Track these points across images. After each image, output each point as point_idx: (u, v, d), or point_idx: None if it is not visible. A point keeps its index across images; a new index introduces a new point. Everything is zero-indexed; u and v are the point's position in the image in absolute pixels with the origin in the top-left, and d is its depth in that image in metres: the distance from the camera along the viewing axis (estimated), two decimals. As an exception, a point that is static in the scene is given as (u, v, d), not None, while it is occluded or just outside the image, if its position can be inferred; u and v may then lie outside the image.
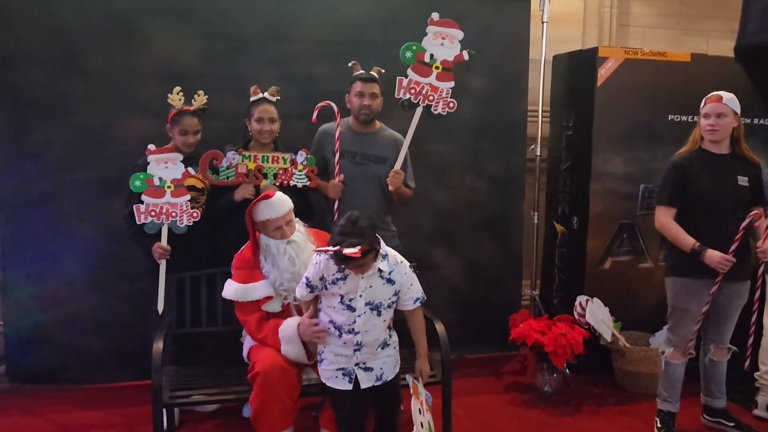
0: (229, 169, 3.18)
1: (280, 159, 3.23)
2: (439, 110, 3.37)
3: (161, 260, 3.15)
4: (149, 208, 3.11)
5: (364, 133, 3.41)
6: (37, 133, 3.61)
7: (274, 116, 3.26)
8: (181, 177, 3.13)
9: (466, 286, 4.25)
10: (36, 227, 3.65)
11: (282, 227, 2.79)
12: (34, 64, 3.56)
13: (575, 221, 4.04)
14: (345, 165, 3.33)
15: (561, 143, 4.16)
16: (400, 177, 3.32)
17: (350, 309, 2.53)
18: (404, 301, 2.64)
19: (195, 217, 3.17)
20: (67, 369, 3.74)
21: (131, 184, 3.10)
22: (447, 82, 3.34)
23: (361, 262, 2.42)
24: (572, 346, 3.50)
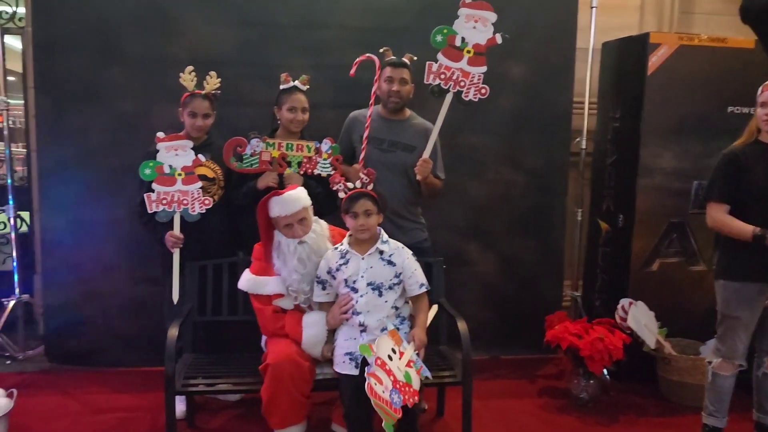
0: (252, 156, 3.13)
1: (304, 147, 3.16)
2: (470, 97, 3.21)
3: (174, 249, 3.13)
4: (160, 197, 3.09)
5: (394, 120, 3.31)
6: (75, 119, 3.68)
7: (305, 105, 3.21)
8: (191, 164, 3.09)
9: (502, 283, 4.11)
10: (73, 212, 3.73)
11: (293, 225, 2.70)
12: (73, 52, 3.64)
13: (620, 219, 3.82)
14: (371, 151, 3.24)
15: (607, 136, 3.95)
16: (429, 166, 3.20)
17: (353, 290, 2.65)
18: (410, 286, 2.69)
19: (207, 205, 3.12)
20: (102, 351, 3.83)
21: (141, 173, 3.08)
22: (479, 66, 3.18)
23: (367, 206, 2.61)
24: (610, 351, 3.30)
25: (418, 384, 2.47)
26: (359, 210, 2.62)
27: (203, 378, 2.82)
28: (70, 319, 3.78)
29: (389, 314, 2.63)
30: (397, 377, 2.44)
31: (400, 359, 2.49)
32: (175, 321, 2.82)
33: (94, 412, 3.28)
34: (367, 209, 2.63)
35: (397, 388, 2.41)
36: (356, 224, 2.63)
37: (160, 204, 3.10)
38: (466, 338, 2.79)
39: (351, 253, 2.67)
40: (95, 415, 3.25)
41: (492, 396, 3.53)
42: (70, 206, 3.72)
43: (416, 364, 2.52)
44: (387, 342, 2.51)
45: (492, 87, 3.82)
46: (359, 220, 2.62)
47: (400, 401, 2.39)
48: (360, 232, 2.64)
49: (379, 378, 2.40)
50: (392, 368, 2.45)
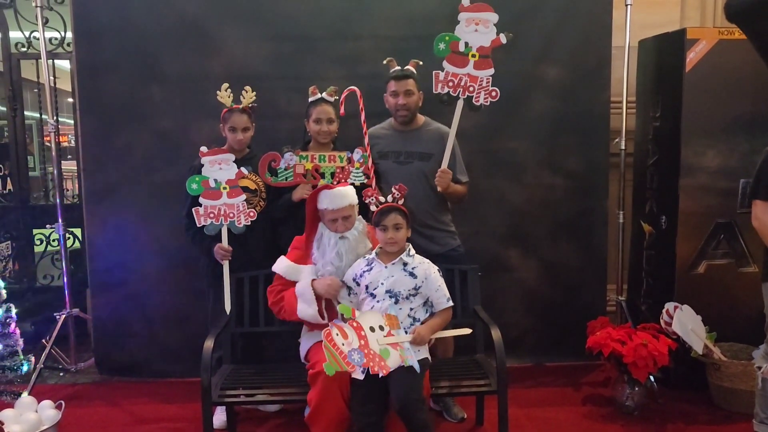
0: (287, 170, 3.20)
1: (336, 158, 3.20)
2: (480, 101, 3.20)
3: (224, 261, 3.21)
4: (207, 210, 3.19)
5: (407, 131, 3.34)
6: (119, 138, 3.83)
7: (332, 116, 3.25)
8: (234, 177, 3.18)
9: (544, 289, 4.06)
10: (120, 228, 3.87)
11: (338, 220, 2.82)
12: (115, 73, 3.79)
13: (663, 220, 3.72)
14: (389, 166, 3.28)
15: (648, 136, 3.86)
16: (448, 176, 3.20)
17: (372, 296, 2.72)
18: (436, 299, 2.75)
19: (252, 217, 3.21)
20: (149, 363, 3.95)
21: (188, 188, 3.19)
22: (486, 69, 3.17)
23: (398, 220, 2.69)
24: (655, 357, 3.21)
25: (394, 364, 2.54)
26: (389, 224, 2.71)
27: (243, 388, 2.87)
28: (118, 331, 3.93)
29: (404, 322, 2.67)
30: (370, 345, 2.52)
31: (385, 336, 2.57)
32: (212, 332, 2.89)
33: (140, 422, 3.39)
34: (397, 223, 2.72)
35: (364, 352, 2.49)
36: (386, 237, 2.72)
37: (207, 218, 3.20)
38: (500, 346, 2.77)
39: (376, 262, 2.76)
40: (141, 425, 3.36)
41: (534, 404, 3.48)
42: (117, 223, 3.86)
43: (405, 351, 2.57)
44: (376, 317, 2.61)
45: (527, 90, 3.89)
46: (389, 233, 2.71)
47: (360, 361, 2.47)
48: (389, 245, 2.73)
49: (344, 332, 2.53)
50: (368, 337, 2.55)
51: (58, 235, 4.03)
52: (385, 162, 3.31)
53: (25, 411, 3.02)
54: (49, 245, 4.68)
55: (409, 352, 2.59)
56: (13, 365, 3.26)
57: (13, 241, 4.67)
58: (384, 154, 3.32)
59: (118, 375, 3.95)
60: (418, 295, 2.71)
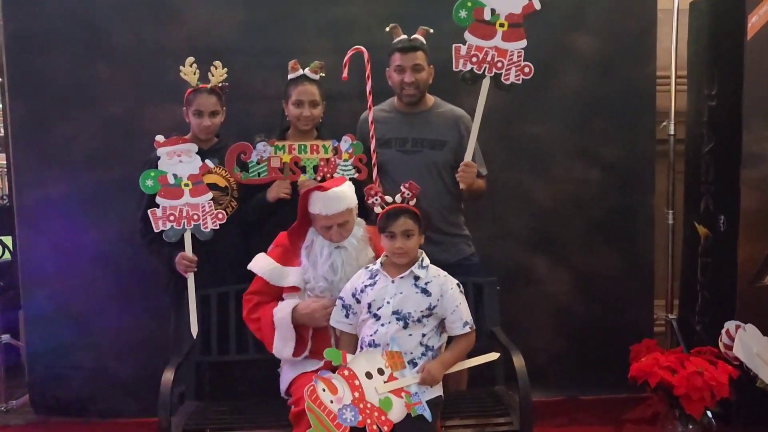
0: (260, 164, 3.20)
1: (320, 148, 3.20)
2: (511, 79, 3.20)
3: (188, 273, 3.21)
4: (167, 212, 3.17)
5: (414, 113, 3.35)
6: (58, 126, 3.85)
7: (316, 98, 3.25)
8: (198, 172, 3.17)
9: (578, 306, 4.10)
10: (59, 236, 3.87)
11: (332, 228, 2.80)
12: (53, 47, 3.81)
13: (722, 221, 3.74)
14: (392, 155, 3.29)
15: (702, 118, 3.89)
16: (473, 171, 3.22)
17: (375, 317, 2.65)
18: (451, 323, 2.68)
19: (221, 219, 3.20)
20: (96, 400, 3.96)
21: (142, 185, 3.17)
22: (517, 41, 3.16)
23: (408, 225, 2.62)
24: (712, 388, 3.22)
25: (398, 416, 2.49)
26: (398, 230, 2.63)
27: (210, 430, 2.86)
28: (58, 362, 3.92)
29: (414, 351, 2.62)
30: (367, 396, 2.47)
31: (385, 382, 2.52)
32: (172, 362, 2.89)
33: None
34: (408, 229, 2.64)
35: (358, 407, 2.44)
36: (393, 247, 2.64)
37: (167, 221, 3.18)
38: (523, 376, 2.76)
39: (381, 275, 2.70)
40: (87, 476, 3.37)
41: (567, 446, 3.51)
42: (56, 229, 3.87)
43: (411, 398, 2.53)
44: (375, 359, 2.56)
45: (555, 63, 3.92)
46: (397, 241, 2.63)
47: (354, 420, 2.42)
48: (398, 256, 2.66)
49: (333, 386, 2.47)
50: (364, 386, 2.50)
51: (-17, 245, 4.05)
52: (386, 151, 3.32)
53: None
54: (-27, 257, 4.71)
55: (417, 397, 2.54)
56: (-70, 403, 3.27)
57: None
58: (386, 142, 3.33)
59: (58, 415, 3.95)
60: (432, 316, 2.65)
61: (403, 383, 2.55)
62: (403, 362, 2.58)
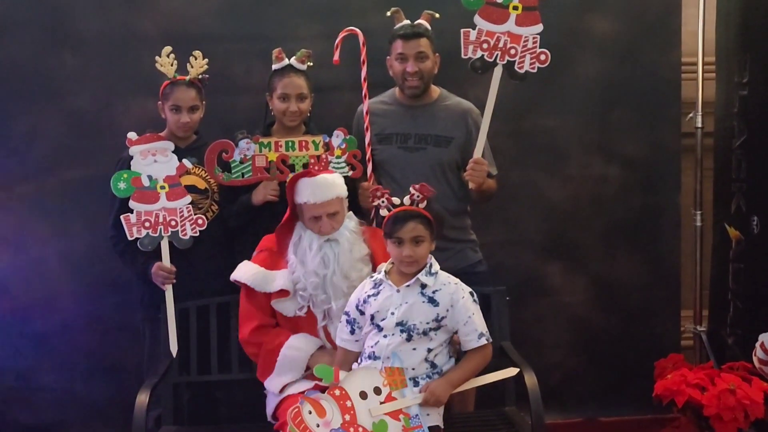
0: (243, 163, 3.21)
1: (309, 144, 3.22)
2: (525, 67, 3.22)
3: (166, 285, 3.21)
4: (141, 218, 3.17)
5: (418, 107, 3.37)
6: (18, 121, 3.84)
7: (303, 91, 3.27)
8: (175, 173, 3.18)
9: (597, 318, 4.12)
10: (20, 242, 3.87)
11: (321, 218, 2.85)
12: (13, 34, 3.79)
13: (755, 222, 3.73)
14: (393, 152, 3.31)
15: (733, 109, 3.87)
16: (483, 169, 3.23)
17: (378, 329, 2.66)
18: (465, 335, 2.67)
19: (201, 225, 3.22)
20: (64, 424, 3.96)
21: (113, 187, 3.16)
22: (532, 26, 3.18)
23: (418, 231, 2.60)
24: (746, 407, 3.22)
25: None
26: (406, 236, 2.62)
27: (190, 458, 2.90)
28: (22, 384, 3.93)
29: (417, 368, 2.61)
30: (359, 419, 2.46)
31: (382, 403, 2.51)
32: (147, 382, 2.90)
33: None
34: (418, 235, 2.63)
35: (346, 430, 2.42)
36: (401, 254, 2.63)
37: (142, 228, 3.17)
38: (536, 396, 2.77)
39: (386, 283, 2.70)
40: None
41: (585, 473, 3.52)
42: (16, 236, 3.86)
43: (411, 421, 2.51)
44: (372, 377, 2.54)
45: (570, 50, 3.94)
46: (405, 249, 2.62)
47: None
48: (406, 265, 2.65)
49: (321, 408, 2.45)
50: (357, 407, 2.48)
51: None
52: (387, 147, 3.34)
53: None
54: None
55: (417, 420, 2.52)
56: None
57: None
58: (386, 137, 3.34)
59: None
60: (441, 329, 2.64)
61: (403, 404, 2.53)
62: (404, 380, 2.57)
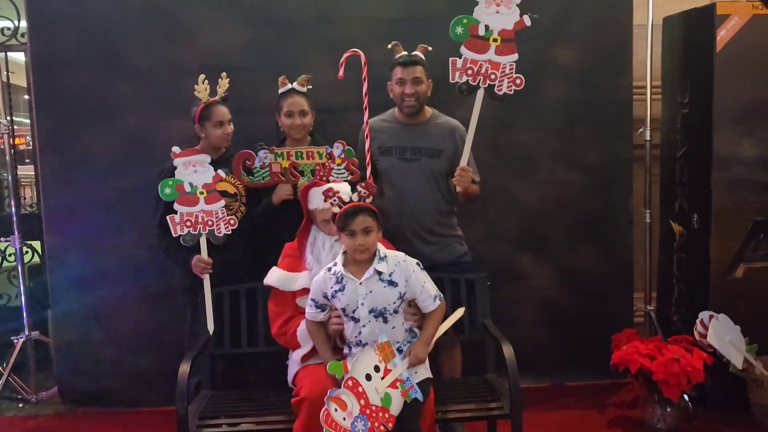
0: (263, 169, 3.21)
1: (315, 154, 3.21)
2: (504, 90, 3.19)
3: (204, 275, 3.22)
4: (184, 218, 3.17)
5: (414, 124, 3.35)
6: (81, 139, 3.84)
7: (304, 108, 3.29)
8: (212, 181, 3.18)
9: (563, 299, 4.08)
10: (83, 239, 3.87)
11: (330, 222, 2.85)
12: (76, 66, 3.80)
13: (695, 219, 3.73)
14: (392, 163, 3.30)
15: (675, 124, 3.89)
16: (469, 175, 3.21)
17: (354, 320, 2.67)
18: (423, 302, 2.72)
19: (233, 225, 3.22)
20: (119, 391, 3.95)
21: (161, 192, 3.17)
22: (509, 55, 3.15)
23: (367, 222, 2.59)
24: (688, 373, 3.23)
25: (397, 409, 2.54)
26: (357, 228, 2.60)
27: (224, 417, 2.87)
28: (84, 356, 3.93)
29: (401, 339, 2.68)
30: (371, 400, 2.51)
31: (383, 378, 2.56)
32: (188, 355, 2.90)
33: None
34: (367, 226, 2.61)
35: (366, 414, 2.48)
36: (354, 244, 2.61)
37: (184, 226, 3.18)
38: (513, 364, 2.77)
39: (347, 278, 2.66)
40: (111, 461, 3.37)
41: (554, 428, 3.50)
42: (81, 234, 3.86)
43: (404, 384, 2.57)
44: (370, 357, 2.59)
45: (539, 76, 3.89)
46: (357, 239, 2.60)
47: (365, 429, 2.46)
48: (359, 253, 2.63)
49: (342, 403, 2.50)
50: (367, 390, 2.53)
51: (14, 249, 4.04)
52: (387, 159, 3.33)
53: (-20, 448, 3.04)
54: (5, 260, 4.69)
55: (409, 382, 2.59)
56: (-35, 396, 3.28)
57: (-36, 256, 4.69)
58: (386, 150, 3.34)
59: (84, 405, 3.95)
60: (404, 302, 2.70)
61: (396, 373, 2.58)
62: (392, 351, 2.63)
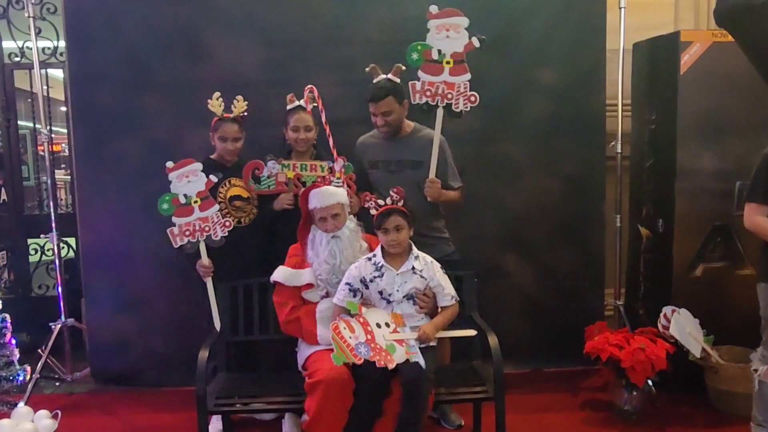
0: (269, 178, 3.24)
1: (318, 167, 3.24)
2: (460, 107, 3.19)
3: (206, 278, 3.23)
4: (182, 229, 3.15)
5: (396, 139, 3.35)
6: (112, 147, 3.85)
7: (309, 124, 3.30)
8: (204, 188, 3.15)
9: (542, 295, 4.08)
10: (113, 236, 3.89)
11: (327, 219, 2.89)
12: (108, 82, 3.81)
13: (660, 224, 3.75)
14: (380, 175, 3.32)
15: (643, 138, 3.90)
16: (437, 186, 3.21)
17: (388, 302, 2.82)
18: (442, 297, 2.88)
19: (228, 226, 3.20)
20: (145, 372, 3.98)
21: (159, 209, 3.14)
22: (462, 75, 3.16)
23: (398, 221, 2.78)
24: (652, 361, 3.25)
25: (400, 359, 2.63)
26: (390, 226, 2.80)
27: (239, 397, 2.91)
28: (113, 341, 3.94)
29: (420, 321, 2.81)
30: (377, 340, 2.62)
31: (390, 333, 2.66)
32: (207, 341, 2.93)
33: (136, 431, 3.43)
34: (398, 225, 2.81)
35: (371, 346, 2.58)
36: (388, 239, 2.81)
37: (183, 236, 3.17)
38: (497, 353, 2.80)
39: (386, 267, 2.83)
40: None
41: (532, 410, 3.50)
42: (111, 232, 3.88)
43: (409, 347, 2.66)
44: (383, 315, 2.71)
45: (522, 93, 3.91)
46: (390, 235, 2.80)
47: (367, 354, 2.60)
48: (392, 247, 2.82)
49: (351, 327, 2.63)
50: (375, 333, 2.64)
51: (52, 245, 4.07)
52: (376, 171, 3.34)
53: (22, 421, 3.04)
54: (43, 255, 4.72)
55: (415, 349, 2.68)
56: (9, 375, 3.29)
57: (8, 251, 4.70)
58: (374, 164, 3.35)
59: (114, 384, 3.97)
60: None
61: (405, 336, 2.70)
62: (404, 322, 2.76)
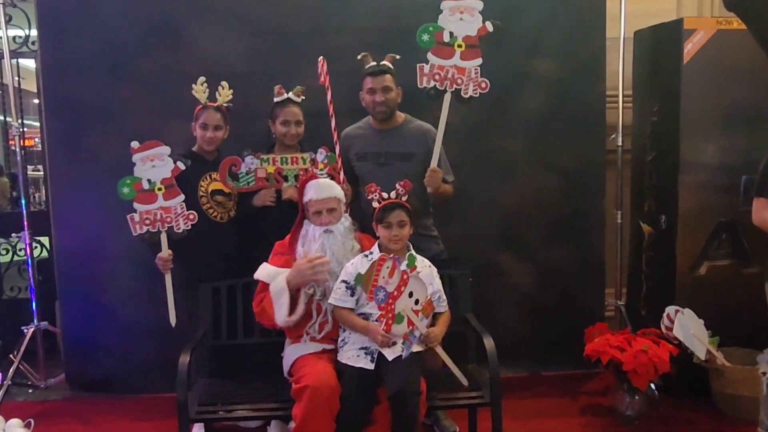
0: (248, 174, 3.17)
1: (299, 159, 3.19)
2: (470, 93, 3.15)
3: (166, 272, 3.15)
4: (143, 217, 3.05)
5: (386, 130, 3.31)
6: (88, 141, 3.78)
7: (300, 118, 3.26)
8: (170, 175, 3.06)
9: (540, 295, 4.05)
10: (89, 236, 3.82)
11: (322, 212, 2.84)
12: (83, 72, 3.74)
13: (663, 220, 3.72)
14: (368, 168, 3.27)
15: (645, 131, 3.87)
16: (438, 176, 3.17)
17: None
18: (438, 302, 2.82)
19: (192, 220, 3.12)
20: (122, 378, 3.90)
21: (119, 192, 3.04)
22: (474, 59, 3.12)
23: (402, 217, 2.74)
24: (655, 364, 3.21)
25: (398, 332, 2.62)
26: (393, 220, 2.76)
27: (221, 404, 2.84)
28: (90, 345, 3.87)
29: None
30: (396, 302, 2.63)
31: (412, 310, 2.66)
32: (188, 346, 2.85)
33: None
34: (401, 220, 2.77)
35: (388, 301, 2.63)
36: (389, 234, 2.76)
37: (143, 225, 3.07)
38: (493, 356, 2.76)
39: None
40: (114, 444, 3.32)
41: (530, 416, 3.47)
42: (87, 230, 3.81)
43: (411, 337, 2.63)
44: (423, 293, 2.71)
45: (518, 85, 3.88)
46: (393, 230, 2.75)
47: (380, 301, 2.64)
48: (393, 243, 2.77)
49: (392, 272, 2.64)
50: (402, 295, 2.65)
51: (24, 245, 3.99)
52: (364, 164, 3.30)
53: (-8, 431, 2.99)
54: (15, 255, 4.63)
55: (413, 338, 2.64)
56: (-21, 382, 3.22)
57: (-24, 251, 4.62)
58: (362, 156, 3.30)
59: (90, 391, 3.90)
60: None
61: (417, 323, 2.65)
62: (429, 313, 2.72)
